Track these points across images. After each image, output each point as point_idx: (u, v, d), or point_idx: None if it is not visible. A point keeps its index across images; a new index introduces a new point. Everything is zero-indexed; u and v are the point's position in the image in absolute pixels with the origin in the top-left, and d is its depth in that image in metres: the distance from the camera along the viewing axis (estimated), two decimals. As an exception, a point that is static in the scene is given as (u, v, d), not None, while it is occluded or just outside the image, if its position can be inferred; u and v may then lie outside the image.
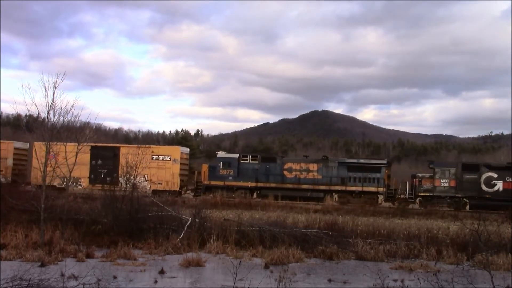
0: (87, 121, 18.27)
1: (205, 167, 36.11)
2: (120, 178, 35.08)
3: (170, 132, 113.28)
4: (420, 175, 33.68)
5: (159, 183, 35.37)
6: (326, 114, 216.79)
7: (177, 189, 35.30)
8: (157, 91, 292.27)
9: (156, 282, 10.98)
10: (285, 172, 34.61)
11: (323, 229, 16.72)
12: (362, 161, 36.76)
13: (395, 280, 10.98)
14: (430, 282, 8.78)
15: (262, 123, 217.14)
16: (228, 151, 41.94)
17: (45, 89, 14.99)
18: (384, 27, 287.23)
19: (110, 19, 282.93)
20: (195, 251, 14.18)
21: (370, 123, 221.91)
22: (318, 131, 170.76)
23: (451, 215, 26.87)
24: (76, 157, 16.55)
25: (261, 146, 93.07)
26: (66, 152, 16.92)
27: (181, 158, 36.50)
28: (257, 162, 35.04)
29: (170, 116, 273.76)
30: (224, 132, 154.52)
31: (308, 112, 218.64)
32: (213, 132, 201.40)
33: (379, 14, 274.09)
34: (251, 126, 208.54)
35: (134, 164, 19.43)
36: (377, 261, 14.13)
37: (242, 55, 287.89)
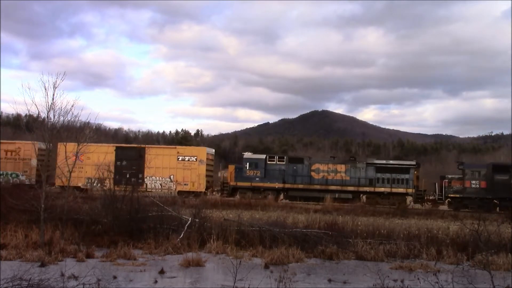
0: (87, 121, 18.22)
1: (231, 168, 35.80)
2: (146, 179, 35.02)
3: (170, 132, 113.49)
4: (449, 176, 33.23)
5: (185, 184, 35.17)
6: (326, 114, 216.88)
7: (203, 190, 35.06)
8: (158, 91, 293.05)
9: (156, 282, 10.98)
10: (313, 173, 34.40)
11: (323, 229, 16.71)
12: (391, 162, 36.30)
13: (395, 280, 10.97)
14: (430, 282, 8.79)
15: (262, 123, 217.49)
16: (228, 151, 41.93)
17: (45, 89, 14.99)
18: (384, 27, 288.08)
19: (111, 19, 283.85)
20: (195, 251, 14.17)
21: (370, 123, 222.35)
22: (318, 131, 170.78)
23: (451, 215, 26.88)
24: (76, 157, 16.49)
25: (261, 146, 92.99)
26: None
27: (207, 159, 36.20)
28: (284, 163, 34.76)
29: (170, 116, 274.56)
30: (224, 132, 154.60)
31: (308, 112, 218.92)
32: (213, 132, 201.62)
33: (380, 14, 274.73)
34: (251, 126, 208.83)
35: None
36: (377, 261, 14.13)
37: (243, 55, 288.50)
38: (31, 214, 16.18)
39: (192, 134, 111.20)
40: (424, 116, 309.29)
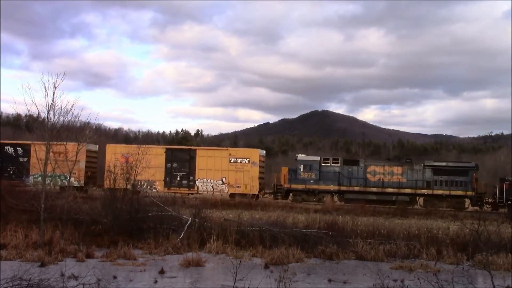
0: (87, 121, 18.22)
1: (284, 170, 34.98)
2: (197, 181, 34.83)
3: (170, 132, 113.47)
4: (510, 178, 32.15)
5: (237, 187, 34.60)
6: (326, 114, 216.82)
7: (256, 192, 34.53)
8: (159, 91, 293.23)
9: (156, 282, 10.98)
10: (368, 176, 33.66)
11: (323, 229, 16.71)
12: (449, 164, 35.13)
13: (395, 280, 10.97)
14: (430, 282, 8.78)
15: (262, 123, 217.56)
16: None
17: (45, 89, 14.99)
18: (386, 28, 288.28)
19: (113, 19, 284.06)
20: (195, 251, 14.16)
21: (371, 123, 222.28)
22: (318, 131, 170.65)
23: (451, 215, 26.87)
24: (76, 157, 16.49)
25: (261, 146, 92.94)
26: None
27: (259, 160, 35.61)
28: (338, 165, 34.04)
29: (171, 116, 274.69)
30: (224, 132, 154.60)
31: (308, 112, 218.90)
32: (213, 132, 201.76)
33: (381, 15, 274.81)
34: (251, 126, 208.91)
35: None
36: (377, 261, 14.12)
37: (244, 55, 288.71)
38: (31, 214, 16.19)
39: (192, 134, 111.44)
40: (424, 116, 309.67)
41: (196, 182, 35.03)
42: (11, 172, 35.81)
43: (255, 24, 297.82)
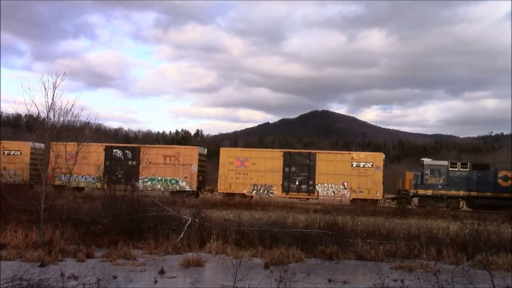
0: (87, 121, 18.21)
1: (409, 175, 34.20)
2: (317, 186, 34.25)
3: (170, 132, 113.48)
4: None
5: (360, 192, 33.79)
6: (326, 114, 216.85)
7: (380, 197, 33.87)
8: (161, 91, 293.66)
9: (156, 282, 10.98)
10: (500, 181, 32.47)
11: (323, 229, 16.71)
12: None
13: (395, 280, 10.97)
14: (430, 282, 8.78)
15: (262, 123, 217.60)
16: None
17: (45, 89, 14.98)
18: (388, 28, 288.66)
19: (116, 20, 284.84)
20: (195, 251, 14.17)
21: (371, 123, 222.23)
22: (318, 131, 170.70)
23: (451, 215, 26.86)
24: (76, 157, 16.48)
25: (261, 146, 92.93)
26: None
27: (383, 165, 34.90)
28: (467, 169, 32.99)
29: (172, 116, 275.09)
30: (224, 132, 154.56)
31: (308, 112, 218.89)
32: (213, 132, 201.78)
33: (383, 15, 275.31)
34: (251, 126, 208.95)
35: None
36: (377, 261, 14.12)
37: (246, 55, 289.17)
38: (31, 214, 16.18)
39: (192, 134, 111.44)
40: (425, 116, 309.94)
41: (316, 187, 34.18)
42: (119, 176, 35.02)
43: (258, 25, 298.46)
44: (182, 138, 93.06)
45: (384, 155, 36.76)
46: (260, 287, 9.45)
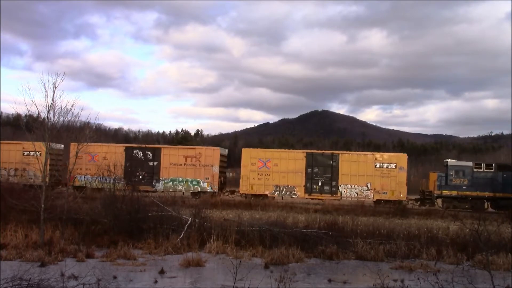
0: (87, 121, 18.20)
1: (433, 176, 33.65)
2: (340, 187, 33.59)
3: (170, 132, 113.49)
4: None
5: (384, 193, 33.20)
6: (326, 114, 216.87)
7: (404, 199, 33.25)
8: (161, 91, 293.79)
9: (156, 282, 10.98)
10: None
11: (323, 229, 16.71)
12: None
13: (395, 280, 10.98)
14: (430, 282, 8.79)
15: (262, 123, 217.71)
16: (229, 151, 40.99)
17: (45, 89, 14.98)
18: (388, 28, 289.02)
19: (116, 20, 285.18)
20: (195, 251, 14.17)
21: (372, 123, 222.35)
22: (318, 131, 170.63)
23: (451, 215, 26.84)
24: (76, 157, 16.48)
25: (261, 146, 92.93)
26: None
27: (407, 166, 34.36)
28: (492, 170, 32.19)
29: (172, 116, 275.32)
30: (224, 132, 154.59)
31: (308, 112, 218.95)
32: (213, 132, 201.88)
33: (384, 16, 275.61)
34: (252, 126, 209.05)
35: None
36: (377, 261, 14.13)
37: (247, 56, 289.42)
38: (31, 214, 16.18)
39: (192, 134, 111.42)
40: (426, 116, 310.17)
41: (339, 188, 33.70)
42: (140, 177, 34.59)
43: (259, 25, 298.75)
44: (182, 138, 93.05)
45: (406, 156, 35.90)
46: (260, 287, 9.45)
